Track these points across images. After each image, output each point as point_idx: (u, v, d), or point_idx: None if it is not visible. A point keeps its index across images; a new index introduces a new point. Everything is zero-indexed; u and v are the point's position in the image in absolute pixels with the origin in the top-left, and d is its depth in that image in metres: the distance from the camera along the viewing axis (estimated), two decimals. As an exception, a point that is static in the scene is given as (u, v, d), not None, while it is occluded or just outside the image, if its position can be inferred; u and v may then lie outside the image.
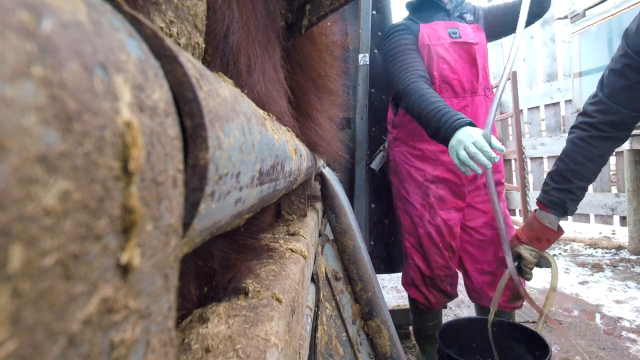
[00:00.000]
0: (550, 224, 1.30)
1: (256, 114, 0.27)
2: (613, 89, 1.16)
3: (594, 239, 4.03)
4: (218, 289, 0.34)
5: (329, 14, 0.63)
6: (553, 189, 1.29)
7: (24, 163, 0.07)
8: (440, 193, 1.54)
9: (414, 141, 1.57)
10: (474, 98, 1.53)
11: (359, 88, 1.90)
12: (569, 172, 1.25)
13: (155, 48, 0.14)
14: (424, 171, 1.55)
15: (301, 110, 0.73)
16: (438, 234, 1.54)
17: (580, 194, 1.27)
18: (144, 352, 0.12)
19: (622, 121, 1.18)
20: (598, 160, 1.24)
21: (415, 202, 1.57)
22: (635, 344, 1.89)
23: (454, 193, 1.56)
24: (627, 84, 1.13)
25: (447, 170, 1.54)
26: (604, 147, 1.22)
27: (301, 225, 0.68)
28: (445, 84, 1.50)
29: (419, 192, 1.56)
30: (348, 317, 1.05)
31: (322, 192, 1.09)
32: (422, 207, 1.55)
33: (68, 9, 0.09)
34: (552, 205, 1.29)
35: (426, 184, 1.55)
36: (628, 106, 1.15)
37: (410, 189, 1.58)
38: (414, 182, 1.57)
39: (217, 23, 0.32)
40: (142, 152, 0.11)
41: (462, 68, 1.51)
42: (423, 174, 1.55)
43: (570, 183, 1.25)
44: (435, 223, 1.53)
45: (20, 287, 0.07)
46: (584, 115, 1.25)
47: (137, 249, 0.11)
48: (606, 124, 1.19)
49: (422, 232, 1.55)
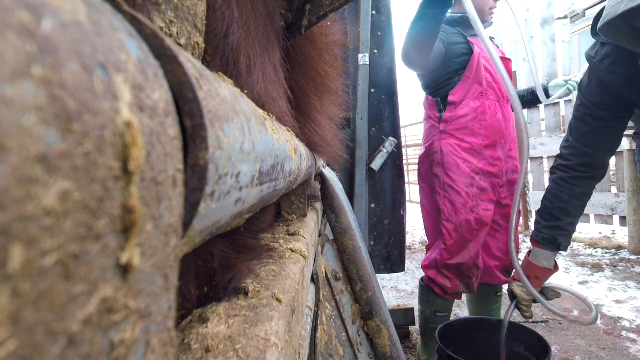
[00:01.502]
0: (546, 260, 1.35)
1: (256, 114, 0.27)
2: (580, 134, 1.28)
3: (594, 239, 4.03)
4: (218, 289, 0.34)
5: (329, 14, 0.63)
6: (544, 227, 1.35)
7: (24, 163, 0.07)
8: (483, 185, 1.68)
9: (463, 135, 1.71)
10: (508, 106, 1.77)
11: (359, 88, 1.90)
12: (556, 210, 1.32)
13: (155, 48, 0.14)
14: (470, 163, 1.69)
15: (301, 110, 0.73)
16: (477, 223, 1.66)
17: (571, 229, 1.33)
18: (144, 352, 0.12)
19: (595, 161, 1.27)
20: (582, 197, 1.31)
21: (461, 190, 1.68)
22: (635, 344, 1.89)
23: (493, 186, 1.70)
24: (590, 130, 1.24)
25: (489, 164, 1.69)
26: (585, 185, 1.30)
27: (301, 225, 0.68)
28: (490, 89, 1.72)
29: (465, 182, 1.68)
30: (348, 317, 1.05)
31: (322, 192, 1.09)
32: (466, 196, 1.68)
33: (68, 9, 0.09)
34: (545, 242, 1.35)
35: (472, 175, 1.68)
36: (596, 148, 1.25)
37: (457, 178, 1.70)
38: (461, 173, 1.69)
39: (217, 23, 0.32)
40: (142, 152, 0.11)
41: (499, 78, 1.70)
42: (470, 165, 1.69)
43: (559, 220, 1.32)
44: (477, 212, 1.67)
45: (20, 287, 0.07)
46: (561, 158, 1.34)
47: (137, 249, 0.11)
48: (582, 165, 1.28)
49: (463, 219, 1.66)
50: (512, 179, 1.79)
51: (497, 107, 1.74)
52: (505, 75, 1.18)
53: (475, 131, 1.70)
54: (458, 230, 1.67)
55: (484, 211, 1.67)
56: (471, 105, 1.71)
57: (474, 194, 1.67)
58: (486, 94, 1.72)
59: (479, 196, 1.68)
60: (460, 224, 1.66)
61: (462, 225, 1.66)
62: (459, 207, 1.68)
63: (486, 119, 1.70)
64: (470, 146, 1.71)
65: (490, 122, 1.71)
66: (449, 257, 1.68)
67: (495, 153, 1.72)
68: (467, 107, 1.71)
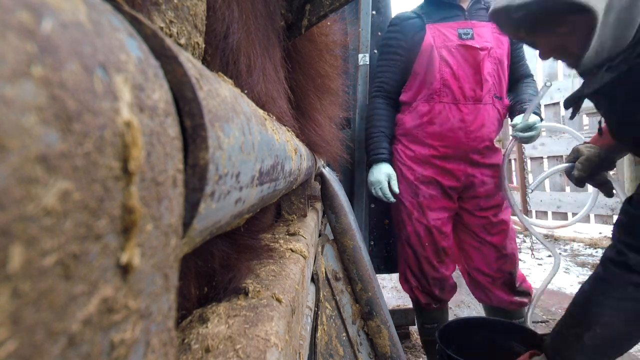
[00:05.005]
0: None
1: (256, 114, 0.27)
2: None
3: (594, 239, 4.03)
4: (218, 289, 0.34)
5: (329, 14, 0.63)
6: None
7: (24, 163, 0.07)
8: (430, 192, 1.54)
9: (408, 141, 1.57)
10: (477, 106, 1.47)
11: (358, 88, 1.90)
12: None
13: (155, 48, 0.14)
14: (414, 171, 1.55)
15: (301, 110, 0.73)
16: (427, 234, 1.54)
17: None
18: (144, 352, 0.12)
19: None
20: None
21: (405, 200, 1.57)
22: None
23: (444, 193, 1.56)
24: None
25: (438, 173, 1.54)
26: None
27: (301, 225, 0.68)
28: (446, 88, 1.47)
29: (409, 191, 1.56)
30: (348, 317, 1.05)
31: (322, 192, 1.09)
32: (411, 206, 1.56)
33: (68, 9, 0.09)
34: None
35: (416, 184, 1.55)
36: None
37: (401, 187, 1.57)
38: (405, 181, 1.57)
39: (217, 23, 0.32)
40: (142, 152, 0.11)
41: (465, 74, 1.47)
42: (414, 173, 1.55)
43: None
44: (424, 222, 1.54)
45: (20, 287, 0.07)
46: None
47: (137, 249, 0.11)
48: None
49: (411, 230, 1.56)
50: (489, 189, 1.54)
51: (454, 110, 1.47)
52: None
53: (420, 139, 1.52)
54: (408, 242, 1.57)
55: (433, 221, 1.53)
56: (418, 109, 1.51)
57: (421, 203, 1.54)
58: (439, 96, 1.47)
59: (428, 205, 1.53)
60: (409, 235, 1.56)
61: (411, 236, 1.56)
62: (405, 218, 1.57)
63: (434, 126, 1.48)
64: (413, 154, 1.55)
65: (440, 130, 1.48)
66: (410, 271, 1.60)
67: (447, 164, 1.52)
68: (413, 112, 1.53)
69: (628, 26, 0.79)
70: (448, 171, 1.53)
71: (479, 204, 1.57)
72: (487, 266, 1.56)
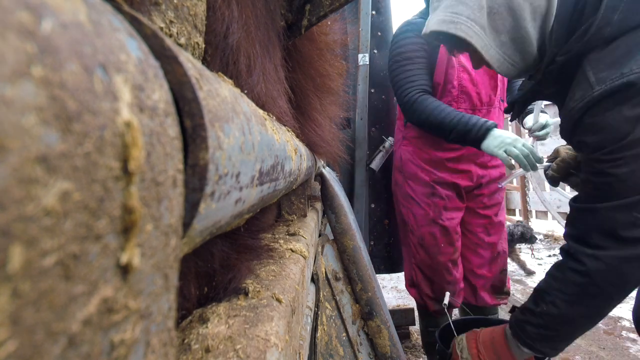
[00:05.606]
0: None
1: (256, 114, 0.27)
2: None
3: (594, 238, 4.01)
4: (218, 289, 0.34)
5: (329, 14, 0.63)
6: None
7: (24, 163, 0.07)
8: (447, 193, 1.56)
9: (422, 144, 1.58)
10: (490, 110, 1.53)
11: (358, 88, 1.90)
12: None
13: (155, 48, 0.14)
14: (430, 172, 1.57)
15: (301, 110, 0.73)
16: (442, 234, 1.55)
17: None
18: (144, 352, 0.12)
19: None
20: None
21: (420, 201, 1.58)
22: (635, 344, 1.89)
23: (458, 194, 1.59)
24: None
25: (453, 175, 1.57)
26: None
27: (301, 225, 0.68)
28: (464, 94, 1.49)
29: (424, 192, 1.57)
30: (348, 317, 1.05)
31: (322, 192, 1.09)
32: (427, 207, 1.57)
33: (68, 9, 0.09)
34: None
35: (432, 184, 1.56)
36: None
37: (416, 187, 1.59)
38: (420, 182, 1.58)
39: (217, 23, 0.32)
40: (142, 152, 0.11)
41: (482, 79, 1.50)
42: (429, 174, 1.57)
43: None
44: (439, 222, 1.55)
45: (20, 287, 0.07)
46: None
47: (137, 249, 0.11)
48: None
49: (425, 231, 1.56)
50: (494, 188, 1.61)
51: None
52: None
53: (436, 142, 1.53)
54: (422, 244, 1.57)
55: (448, 220, 1.55)
56: None
57: (437, 203, 1.55)
58: (457, 102, 1.50)
59: (444, 206, 1.55)
60: (423, 236, 1.56)
61: (425, 237, 1.56)
62: (420, 219, 1.57)
63: None
64: (429, 157, 1.57)
65: None
66: (421, 273, 1.59)
67: (459, 165, 1.55)
68: None
69: (524, 42, 0.91)
70: (462, 172, 1.56)
71: (483, 201, 1.61)
72: (481, 268, 1.61)
